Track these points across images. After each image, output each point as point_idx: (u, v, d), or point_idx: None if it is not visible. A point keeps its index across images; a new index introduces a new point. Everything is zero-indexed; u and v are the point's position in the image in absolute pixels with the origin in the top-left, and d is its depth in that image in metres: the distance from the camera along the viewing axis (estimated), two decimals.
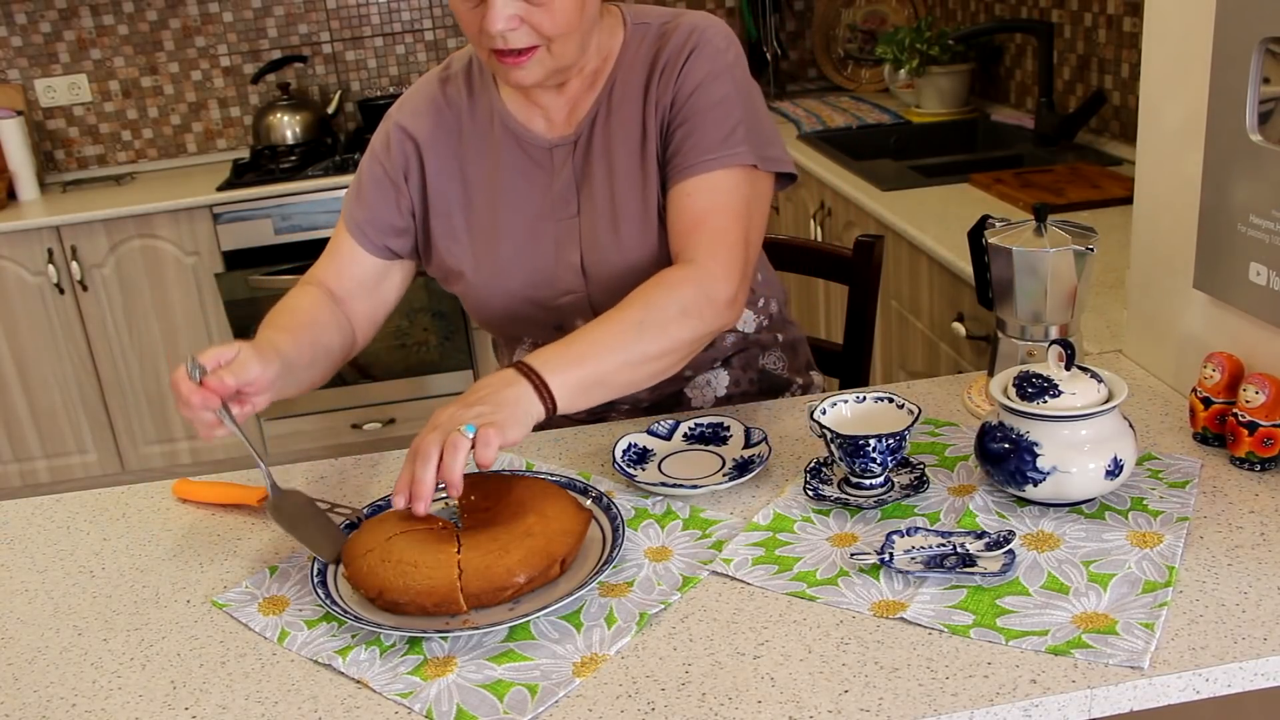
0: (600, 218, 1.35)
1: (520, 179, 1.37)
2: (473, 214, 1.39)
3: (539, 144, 1.37)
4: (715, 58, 1.29)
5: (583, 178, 1.36)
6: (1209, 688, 0.86)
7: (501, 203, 1.38)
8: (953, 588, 0.97)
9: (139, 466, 3.45)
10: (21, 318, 3.26)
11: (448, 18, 3.75)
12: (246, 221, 3.22)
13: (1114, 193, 2.19)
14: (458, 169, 1.39)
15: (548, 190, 1.37)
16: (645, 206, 1.33)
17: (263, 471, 1.15)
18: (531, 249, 1.37)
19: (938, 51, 3.17)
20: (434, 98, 1.40)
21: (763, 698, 0.86)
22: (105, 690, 0.95)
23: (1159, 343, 1.35)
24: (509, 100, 1.38)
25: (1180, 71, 1.23)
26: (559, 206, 1.37)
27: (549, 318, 1.41)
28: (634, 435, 1.28)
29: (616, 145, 1.34)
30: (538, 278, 1.38)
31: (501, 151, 1.38)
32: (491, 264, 1.38)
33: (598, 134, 1.35)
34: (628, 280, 1.29)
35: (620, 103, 1.34)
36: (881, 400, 1.18)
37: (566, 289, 1.38)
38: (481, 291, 1.40)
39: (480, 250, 1.39)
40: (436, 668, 0.93)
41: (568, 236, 1.37)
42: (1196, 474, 1.13)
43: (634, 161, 1.33)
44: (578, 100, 1.36)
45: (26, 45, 3.60)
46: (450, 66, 1.43)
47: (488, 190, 1.38)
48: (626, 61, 1.34)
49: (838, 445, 1.12)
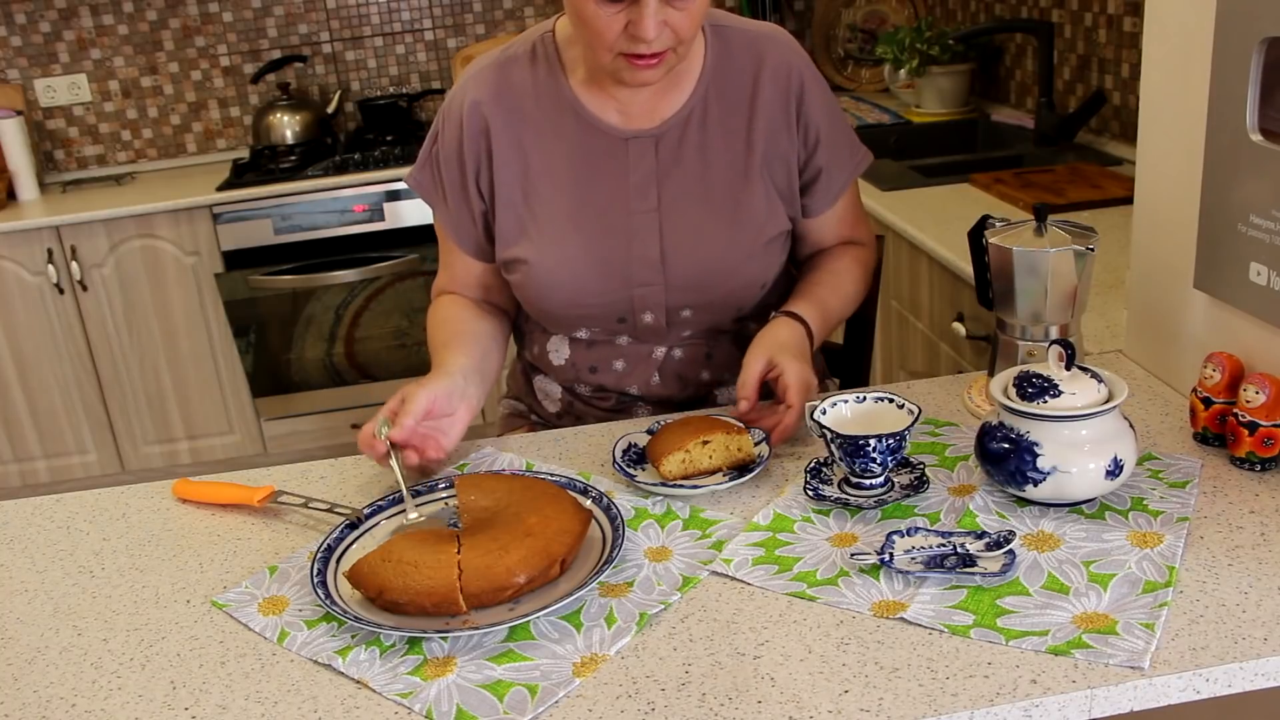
0: (687, 213, 1.37)
1: (592, 168, 1.37)
2: (538, 200, 1.38)
3: (614, 135, 1.37)
4: (818, 79, 1.42)
5: (666, 172, 1.37)
6: (1209, 688, 0.86)
7: (570, 191, 1.37)
8: (953, 588, 0.97)
9: (139, 466, 3.45)
10: (21, 318, 3.26)
11: (448, 18, 3.75)
12: (246, 221, 3.22)
13: (1114, 193, 2.19)
14: (522, 154, 1.38)
15: (623, 181, 1.37)
16: (737, 207, 1.38)
17: (408, 504, 1.17)
18: (604, 239, 1.37)
19: (938, 51, 3.17)
20: (498, 81, 1.38)
21: (763, 698, 0.86)
22: (105, 690, 0.95)
23: (1159, 343, 1.35)
24: (580, 89, 1.37)
25: (1180, 71, 1.23)
26: (635, 198, 1.37)
27: (614, 309, 1.40)
28: (633, 435, 1.28)
29: (714, 145, 1.38)
30: (609, 269, 1.37)
31: (572, 139, 1.37)
32: (558, 252, 1.37)
33: (691, 132, 1.37)
34: (706, 276, 1.38)
35: (718, 106, 1.38)
36: (881, 400, 1.18)
37: (642, 281, 1.38)
38: (546, 279, 1.38)
39: (546, 237, 1.37)
40: (436, 668, 0.93)
41: (646, 229, 1.37)
42: (1197, 474, 1.13)
43: (733, 164, 1.38)
44: (660, 95, 1.37)
45: (26, 45, 3.60)
46: (511, 50, 1.41)
47: (554, 177, 1.38)
48: (717, 66, 1.38)
49: (838, 445, 1.12)
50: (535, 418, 1.59)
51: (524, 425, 1.58)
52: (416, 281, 3.30)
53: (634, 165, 1.37)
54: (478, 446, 1.34)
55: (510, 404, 1.63)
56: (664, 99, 1.37)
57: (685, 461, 1.19)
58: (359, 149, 3.49)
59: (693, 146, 1.37)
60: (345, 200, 3.22)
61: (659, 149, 1.37)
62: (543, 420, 1.57)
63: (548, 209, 1.38)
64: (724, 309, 1.42)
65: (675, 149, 1.37)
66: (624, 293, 1.38)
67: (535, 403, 1.56)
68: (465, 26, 3.77)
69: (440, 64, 3.79)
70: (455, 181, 1.40)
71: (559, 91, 1.37)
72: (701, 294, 1.39)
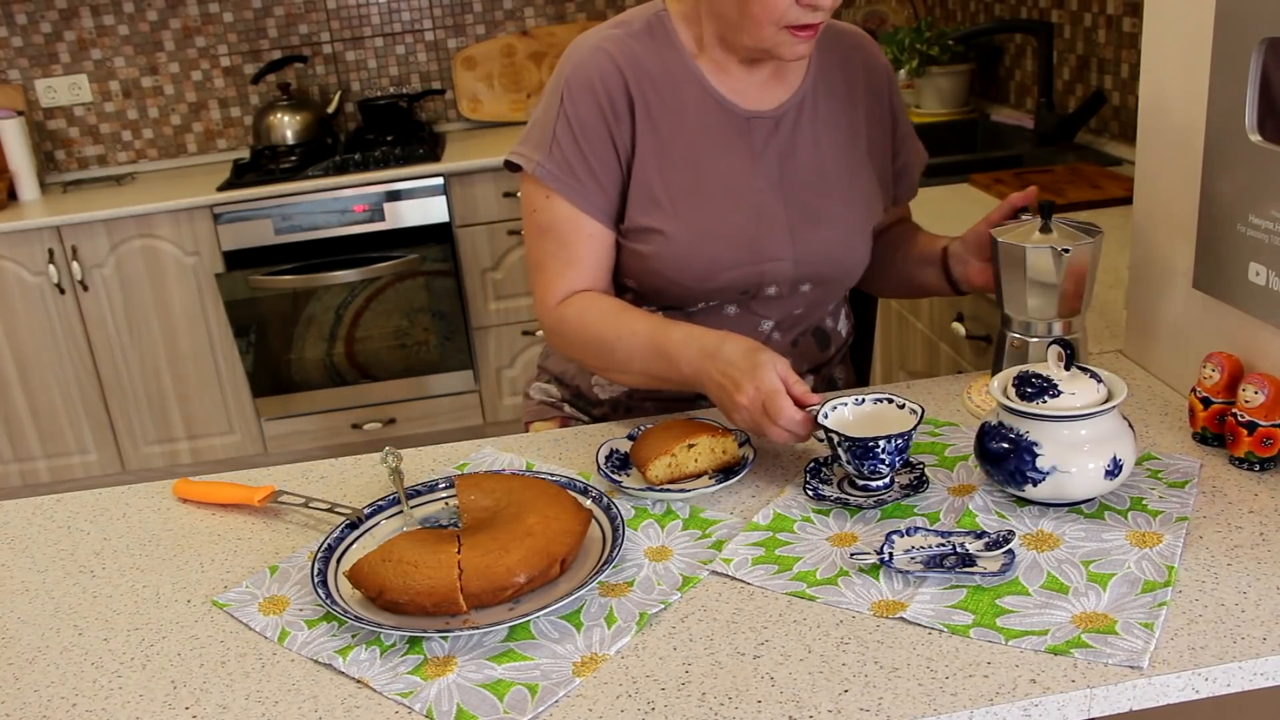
0: (808, 193, 1.42)
1: (721, 144, 1.39)
2: (671, 171, 1.38)
3: (738, 112, 1.39)
4: (895, 77, 1.54)
5: (787, 153, 1.41)
6: (1208, 687, 0.86)
7: (702, 165, 1.38)
8: (952, 587, 0.97)
9: (139, 466, 3.45)
10: (22, 318, 3.26)
11: (448, 18, 3.75)
12: (247, 221, 3.22)
13: (1114, 193, 2.19)
14: (654, 125, 1.38)
15: (747, 158, 1.40)
16: (851, 189, 1.45)
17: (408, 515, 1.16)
18: (736, 213, 1.39)
19: (938, 51, 3.17)
20: (623, 52, 1.37)
21: (763, 698, 0.86)
22: (105, 690, 0.95)
23: (1159, 343, 1.35)
24: (705, 66, 1.39)
25: (1180, 71, 1.23)
26: (760, 175, 1.40)
27: (744, 282, 1.41)
28: (615, 441, 1.27)
29: (825, 131, 1.44)
30: (741, 242, 1.39)
31: (700, 114, 1.39)
32: (695, 225, 1.38)
33: (805, 117, 1.42)
34: (829, 250, 1.44)
35: (826, 95, 1.44)
36: (881, 401, 1.18)
37: (773, 255, 1.40)
38: (686, 251, 1.37)
39: (682, 210, 1.38)
40: (436, 667, 0.93)
41: (772, 205, 1.40)
42: (1196, 474, 1.13)
43: (844, 150, 1.45)
44: (773, 82, 1.41)
45: (27, 45, 3.60)
46: (627, 25, 1.41)
47: (684, 150, 1.38)
48: (822, 59, 1.45)
49: (846, 449, 1.12)
50: (569, 408, 1.58)
51: (556, 417, 1.58)
52: (417, 281, 3.30)
53: (756, 144, 1.40)
54: (478, 447, 1.34)
55: (543, 390, 1.62)
56: (777, 85, 1.42)
57: (671, 466, 1.18)
58: (359, 149, 3.49)
59: (807, 131, 1.42)
60: (345, 200, 3.22)
61: (779, 130, 1.41)
62: (579, 410, 1.57)
63: (681, 181, 1.38)
64: (837, 286, 1.49)
65: (792, 131, 1.41)
66: (755, 266, 1.40)
67: (584, 387, 1.55)
68: (465, 27, 3.77)
69: (440, 64, 3.79)
70: (596, 152, 1.37)
71: (684, 66, 1.39)
72: (824, 268, 1.44)
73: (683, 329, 1.28)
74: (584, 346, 1.37)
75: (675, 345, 1.27)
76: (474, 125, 3.83)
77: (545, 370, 1.62)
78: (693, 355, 1.24)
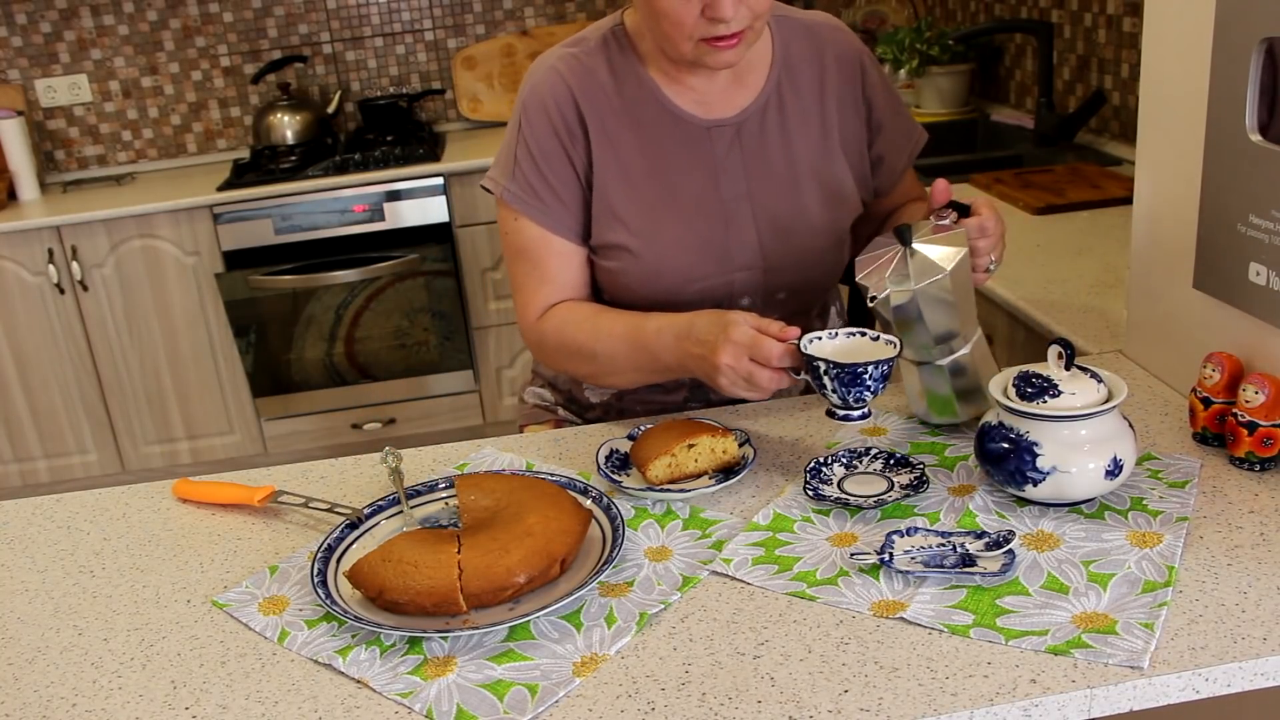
0: (778, 198, 1.40)
1: (681, 156, 1.39)
2: (631, 187, 1.38)
3: (695, 123, 1.39)
4: (875, 62, 1.48)
5: (752, 159, 1.40)
6: (1208, 687, 0.86)
7: (664, 178, 1.38)
8: (952, 588, 0.97)
9: (139, 466, 3.45)
10: (21, 318, 3.26)
11: (448, 18, 3.75)
12: (247, 221, 3.22)
13: (1114, 193, 2.19)
14: (611, 141, 1.38)
15: (710, 169, 1.39)
16: (825, 189, 1.43)
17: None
18: (701, 225, 1.38)
19: (938, 51, 3.17)
20: (577, 70, 1.38)
21: (763, 698, 0.86)
22: (105, 690, 0.95)
23: (1159, 343, 1.35)
24: (659, 79, 1.39)
25: (1180, 71, 1.23)
26: (725, 185, 1.39)
27: (715, 293, 1.41)
28: (615, 441, 1.27)
29: (794, 131, 1.41)
30: (709, 254, 1.39)
31: (657, 128, 1.38)
32: (660, 240, 1.38)
33: (770, 119, 1.40)
34: (803, 256, 1.42)
35: (792, 93, 1.42)
36: (854, 335, 1.18)
37: (742, 265, 1.40)
38: (653, 265, 1.38)
39: (646, 226, 1.38)
40: (436, 668, 0.93)
41: (740, 215, 1.39)
42: (1196, 474, 1.13)
43: (815, 148, 1.42)
44: (734, 86, 1.39)
45: (27, 45, 3.60)
46: (583, 42, 1.41)
47: (643, 165, 1.38)
48: (785, 55, 1.42)
49: (834, 376, 1.11)
50: (563, 411, 1.58)
51: (550, 420, 1.58)
52: (417, 281, 3.30)
53: (719, 153, 1.39)
54: (478, 447, 1.34)
55: (537, 394, 1.62)
56: (739, 89, 1.40)
57: (671, 466, 1.18)
58: (359, 149, 3.49)
59: (774, 133, 1.40)
60: (345, 200, 3.22)
61: (741, 137, 1.40)
62: (573, 413, 1.57)
63: (642, 196, 1.38)
64: (814, 292, 1.48)
65: (758, 136, 1.40)
66: (724, 277, 1.40)
67: (576, 391, 1.55)
68: (465, 27, 3.77)
69: (440, 64, 3.79)
70: (556, 172, 1.38)
71: (639, 81, 1.39)
72: (797, 275, 1.43)
73: (655, 319, 1.29)
74: (569, 357, 1.39)
75: (651, 337, 1.29)
76: (474, 125, 3.83)
77: (539, 375, 1.63)
78: (669, 342, 1.26)
